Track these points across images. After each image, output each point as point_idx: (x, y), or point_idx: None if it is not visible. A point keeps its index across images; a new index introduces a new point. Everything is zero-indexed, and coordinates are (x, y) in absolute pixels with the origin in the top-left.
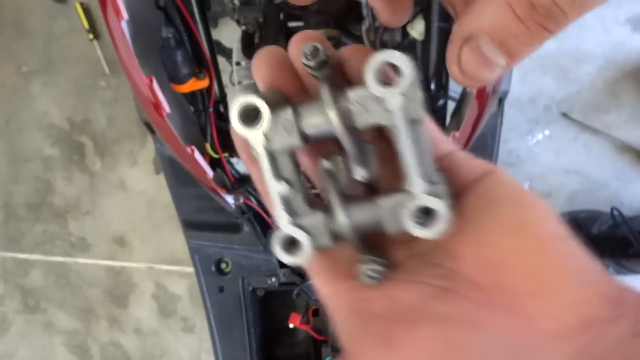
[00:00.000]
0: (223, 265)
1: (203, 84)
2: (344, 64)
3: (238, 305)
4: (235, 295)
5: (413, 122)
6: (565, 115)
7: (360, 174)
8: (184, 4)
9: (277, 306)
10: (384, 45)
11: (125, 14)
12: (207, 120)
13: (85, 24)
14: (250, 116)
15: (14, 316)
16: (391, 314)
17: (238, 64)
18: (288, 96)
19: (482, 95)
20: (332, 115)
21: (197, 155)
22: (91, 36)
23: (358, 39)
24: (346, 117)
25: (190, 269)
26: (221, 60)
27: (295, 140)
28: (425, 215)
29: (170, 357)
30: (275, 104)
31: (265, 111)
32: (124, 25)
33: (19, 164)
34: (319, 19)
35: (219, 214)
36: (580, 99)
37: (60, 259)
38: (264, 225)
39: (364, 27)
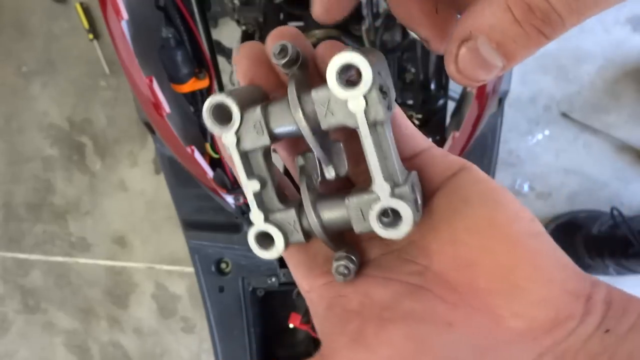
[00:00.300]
0: (223, 265)
1: (203, 84)
2: (317, 61)
3: (238, 305)
4: (235, 295)
5: (375, 124)
6: (565, 115)
7: (329, 173)
8: (184, 4)
9: (277, 306)
10: (384, 45)
11: (125, 14)
12: None
13: (85, 24)
14: (224, 115)
15: (14, 316)
16: (365, 312)
17: None
18: (267, 92)
19: (482, 95)
20: (298, 116)
21: (197, 155)
22: (91, 36)
23: (358, 39)
24: (311, 118)
25: (190, 269)
26: (221, 60)
27: (265, 140)
28: (392, 215)
29: (170, 357)
30: (247, 103)
31: (235, 111)
32: (124, 25)
33: (19, 164)
34: None
35: (219, 214)
36: (580, 99)
37: (60, 259)
38: None
39: (364, 27)
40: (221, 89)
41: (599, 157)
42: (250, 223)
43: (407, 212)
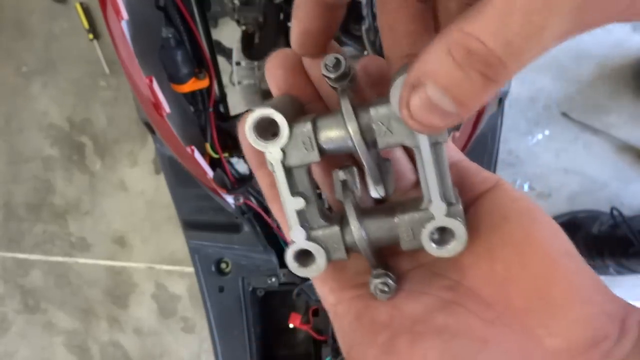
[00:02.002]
0: (223, 265)
1: (203, 84)
2: (359, 75)
3: (238, 305)
4: (235, 295)
5: (436, 145)
6: (565, 115)
7: (377, 190)
8: (184, 4)
9: (277, 306)
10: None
11: (125, 14)
12: (207, 120)
13: (85, 24)
14: (264, 128)
15: (14, 316)
16: (396, 325)
17: (238, 64)
18: (301, 102)
19: None
20: (354, 132)
21: (197, 155)
22: (91, 36)
23: (358, 39)
24: (367, 135)
25: (190, 269)
26: (221, 60)
27: (314, 156)
28: (441, 233)
29: (170, 357)
30: (291, 116)
31: (284, 126)
32: (124, 25)
33: (19, 164)
34: None
35: (219, 214)
36: (580, 99)
37: (60, 259)
38: (264, 225)
39: (364, 27)
40: (221, 89)
41: (599, 157)
42: (250, 223)
43: (461, 231)
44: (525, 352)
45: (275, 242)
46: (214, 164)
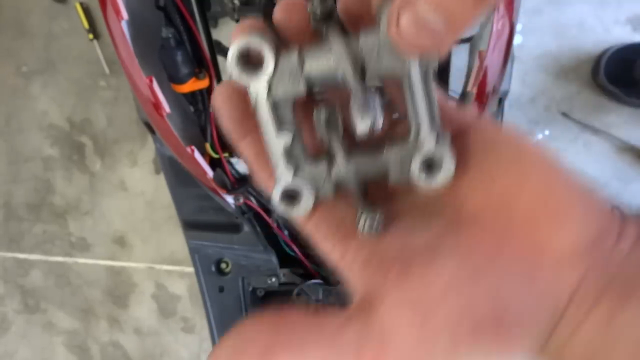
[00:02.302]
0: (223, 265)
1: (203, 84)
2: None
3: (238, 305)
4: (235, 295)
5: (427, 73)
6: (565, 115)
7: (364, 121)
8: (184, 4)
9: (277, 306)
10: None
11: (125, 14)
12: (207, 120)
13: (85, 24)
14: (250, 61)
15: (14, 316)
16: (407, 255)
17: None
18: (284, 38)
19: (482, 95)
20: (343, 58)
21: (197, 155)
22: (91, 36)
23: None
24: (356, 63)
25: (190, 269)
26: (221, 60)
27: (300, 88)
28: (428, 167)
29: (170, 357)
30: (277, 47)
31: (269, 56)
32: (124, 25)
33: (19, 164)
34: None
35: (219, 214)
36: (580, 99)
37: (60, 259)
38: (264, 225)
39: None
40: None
41: (599, 157)
42: (250, 223)
43: (449, 161)
44: (535, 260)
45: (275, 242)
46: (214, 164)
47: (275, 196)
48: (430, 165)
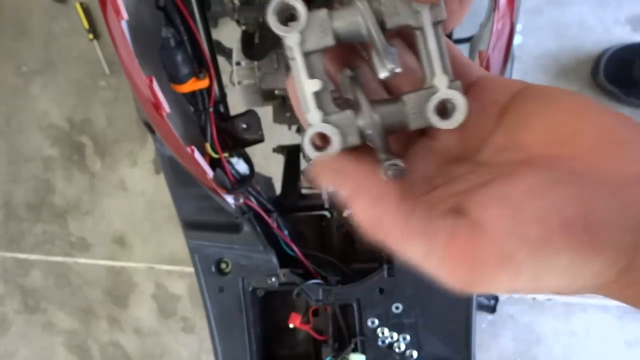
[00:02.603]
0: (223, 265)
1: (203, 84)
2: None
3: (238, 305)
4: (235, 295)
5: (437, 24)
6: None
7: (386, 67)
8: (184, 4)
9: (277, 306)
10: None
11: (125, 14)
12: (207, 120)
13: (85, 24)
14: (286, 16)
15: (14, 316)
16: (468, 178)
17: (238, 64)
18: None
19: None
20: (367, 14)
21: (197, 155)
22: (91, 36)
23: None
24: (377, 17)
25: (190, 269)
26: (221, 60)
27: (329, 41)
28: (443, 111)
29: (170, 357)
30: (308, 3)
31: (301, 11)
32: (124, 25)
33: (19, 164)
34: None
35: (219, 214)
36: None
37: (60, 259)
38: (264, 225)
39: None
40: (221, 89)
41: None
42: (250, 223)
43: (462, 100)
44: (613, 179)
45: (275, 242)
46: (214, 164)
47: (306, 139)
48: (445, 107)
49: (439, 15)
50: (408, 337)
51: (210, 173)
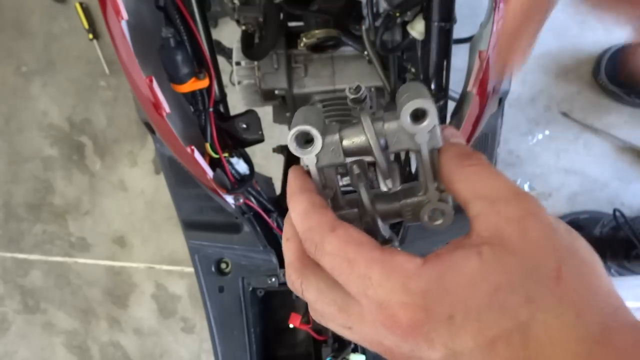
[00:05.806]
0: (223, 265)
1: (203, 84)
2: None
3: (238, 305)
4: (235, 295)
5: (432, 150)
6: (565, 115)
7: (386, 184)
8: (184, 4)
9: (277, 306)
10: (384, 45)
11: (125, 14)
12: (207, 120)
13: (85, 24)
14: (300, 139)
15: (14, 316)
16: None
17: (238, 64)
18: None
19: (483, 95)
20: (373, 141)
21: (197, 155)
22: (91, 36)
23: (358, 39)
24: (381, 142)
25: (190, 269)
26: (221, 60)
27: (341, 159)
28: (434, 215)
29: (170, 357)
30: (321, 127)
31: (318, 139)
32: (124, 25)
33: (19, 164)
34: (319, 18)
35: (219, 214)
36: (580, 99)
37: (60, 259)
38: (264, 225)
39: (364, 27)
40: (221, 89)
41: (600, 157)
42: (250, 223)
43: (450, 211)
44: None
45: (275, 242)
46: (214, 164)
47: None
48: (435, 214)
49: (436, 144)
50: None
51: (210, 173)
